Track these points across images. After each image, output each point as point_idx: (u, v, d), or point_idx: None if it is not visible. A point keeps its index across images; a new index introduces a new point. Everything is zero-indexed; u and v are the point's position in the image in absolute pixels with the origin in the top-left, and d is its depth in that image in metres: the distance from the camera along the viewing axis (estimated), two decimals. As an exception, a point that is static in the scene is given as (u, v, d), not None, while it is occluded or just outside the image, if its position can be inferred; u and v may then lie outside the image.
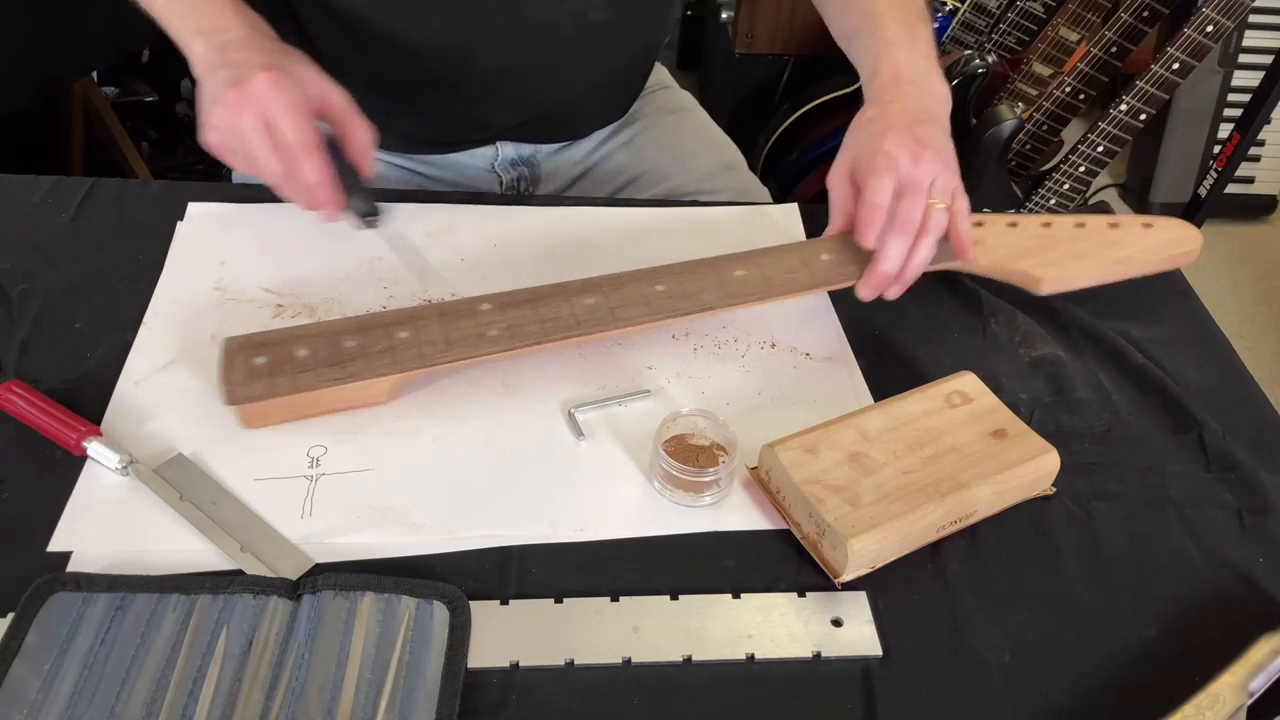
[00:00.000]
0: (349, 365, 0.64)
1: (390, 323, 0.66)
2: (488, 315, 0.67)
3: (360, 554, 0.57)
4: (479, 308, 0.67)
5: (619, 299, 0.68)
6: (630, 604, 0.55)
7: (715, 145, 1.05)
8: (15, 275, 0.73)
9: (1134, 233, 0.77)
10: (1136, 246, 0.76)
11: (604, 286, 0.69)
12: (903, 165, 0.70)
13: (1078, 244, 0.76)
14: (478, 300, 0.68)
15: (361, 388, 0.64)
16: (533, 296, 0.68)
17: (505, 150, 0.99)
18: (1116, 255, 0.75)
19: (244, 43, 0.72)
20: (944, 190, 0.71)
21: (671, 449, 0.61)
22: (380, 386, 0.65)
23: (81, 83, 1.54)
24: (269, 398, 0.62)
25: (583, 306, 0.67)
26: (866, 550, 0.56)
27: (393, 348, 0.65)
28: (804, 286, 0.71)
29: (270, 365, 0.63)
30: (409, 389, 0.67)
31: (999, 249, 0.75)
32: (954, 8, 1.72)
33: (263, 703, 0.49)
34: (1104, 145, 1.48)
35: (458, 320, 0.67)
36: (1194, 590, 0.59)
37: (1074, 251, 0.75)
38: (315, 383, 0.63)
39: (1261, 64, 1.97)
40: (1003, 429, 0.62)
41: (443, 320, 0.67)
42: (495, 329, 0.66)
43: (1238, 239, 2.25)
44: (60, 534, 0.57)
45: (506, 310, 0.67)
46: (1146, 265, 0.76)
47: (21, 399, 0.62)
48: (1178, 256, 0.77)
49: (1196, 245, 0.78)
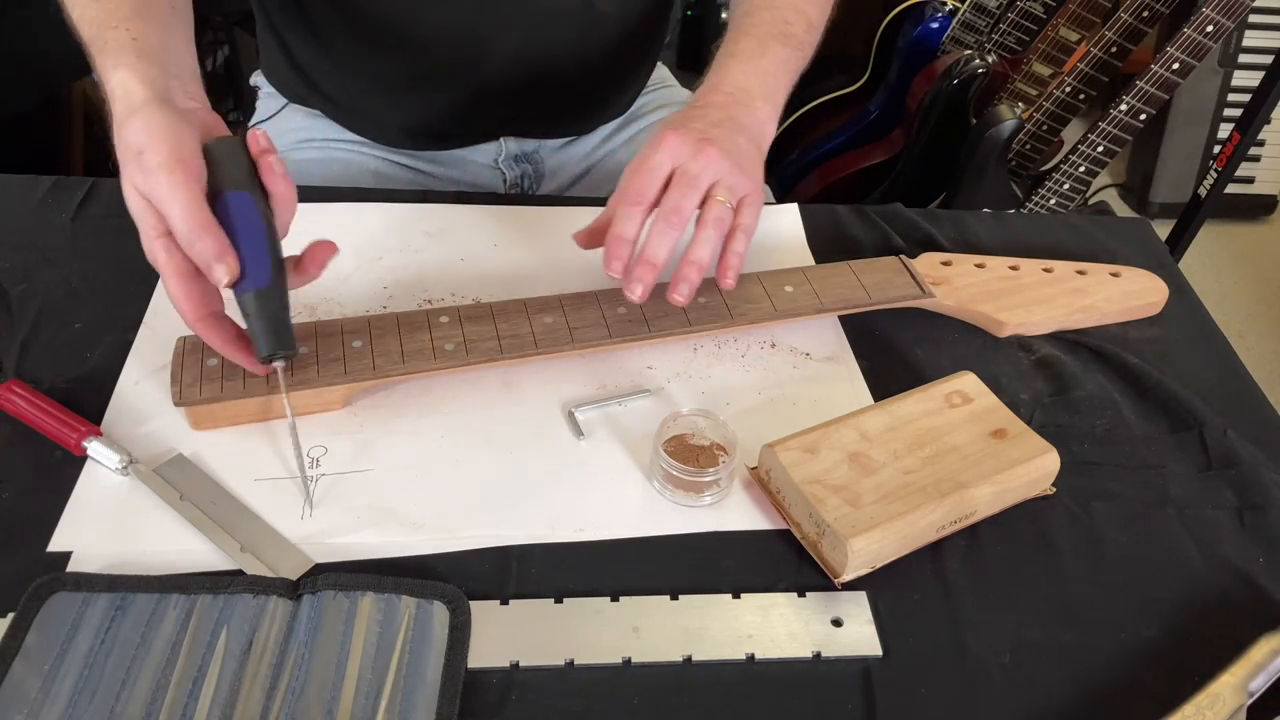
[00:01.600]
0: (300, 373, 0.63)
1: (346, 330, 0.66)
2: (445, 329, 0.67)
3: (360, 554, 0.57)
4: (438, 320, 0.67)
5: (579, 319, 0.68)
6: (630, 604, 0.55)
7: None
8: (15, 275, 0.73)
9: (1100, 280, 0.77)
10: (1101, 295, 0.76)
11: (565, 305, 0.69)
12: (679, 161, 0.65)
13: (1043, 289, 0.76)
14: (438, 312, 0.68)
15: (313, 395, 0.64)
16: (492, 311, 0.68)
17: (509, 146, 0.99)
18: (1080, 303, 0.76)
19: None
20: (731, 189, 0.66)
21: (671, 449, 0.61)
22: (333, 395, 0.64)
23: (81, 83, 1.55)
24: (218, 401, 0.62)
25: (542, 325, 0.67)
26: (866, 550, 0.56)
27: (345, 357, 0.64)
28: (767, 317, 0.70)
29: (222, 368, 0.63)
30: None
31: (965, 289, 0.75)
32: (954, 8, 1.72)
33: (263, 703, 0.49)
34: (1104, 145, 1.48)
35: (415, 332, 0.66)
36: (1194, 590, 0.59)
37: (1039, 297, 0.75)
38: (264, 388, 0.62)
39: (1261, 64, 1.97)
40: (1003, 429, 0.62)
41: (400, 331, 0.66)
42: (451, 343, 0.66)
43: (1238, 239, 2.25)
44: (60, 534, 0.57)
45: (465, 324, 0.67)
46: (1109, 314, 0.77)
47: (21, 399, 0.62)
48: (1143, 307, 0.78)
49: (1162, 297, 0.78)
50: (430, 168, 0.99)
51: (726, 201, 0.66)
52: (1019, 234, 0.86)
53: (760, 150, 0.71)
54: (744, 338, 0.73)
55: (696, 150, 0.65)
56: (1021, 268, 0.77)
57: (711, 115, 0.70)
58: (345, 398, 0.65)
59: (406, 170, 0.98)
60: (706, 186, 0.66)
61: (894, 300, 0.73)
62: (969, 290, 0.75)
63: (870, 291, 0.73)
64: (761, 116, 0.72)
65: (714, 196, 0.65)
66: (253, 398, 0.62)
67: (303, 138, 0.97)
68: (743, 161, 0.67)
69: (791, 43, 0.76)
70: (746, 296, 0.71)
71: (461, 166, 0.99)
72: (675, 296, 0.66)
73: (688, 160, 0.65)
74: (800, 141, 1.88)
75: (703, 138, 0.66)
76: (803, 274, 0.74)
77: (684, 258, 0.66)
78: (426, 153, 0.98)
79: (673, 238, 0.65)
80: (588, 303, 0.69)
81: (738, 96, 0.71)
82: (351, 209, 0.82)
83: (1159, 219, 2.16)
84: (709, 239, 0.65)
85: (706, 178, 0.65)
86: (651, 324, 0.68)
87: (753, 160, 0.69)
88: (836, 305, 0.72)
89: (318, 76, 0.95)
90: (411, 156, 0.98)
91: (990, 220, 0.88)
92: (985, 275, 0.76)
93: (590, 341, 0.67)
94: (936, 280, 0.75)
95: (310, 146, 0.97)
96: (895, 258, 0.76)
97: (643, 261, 0.65)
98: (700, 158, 0.65)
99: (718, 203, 0.65)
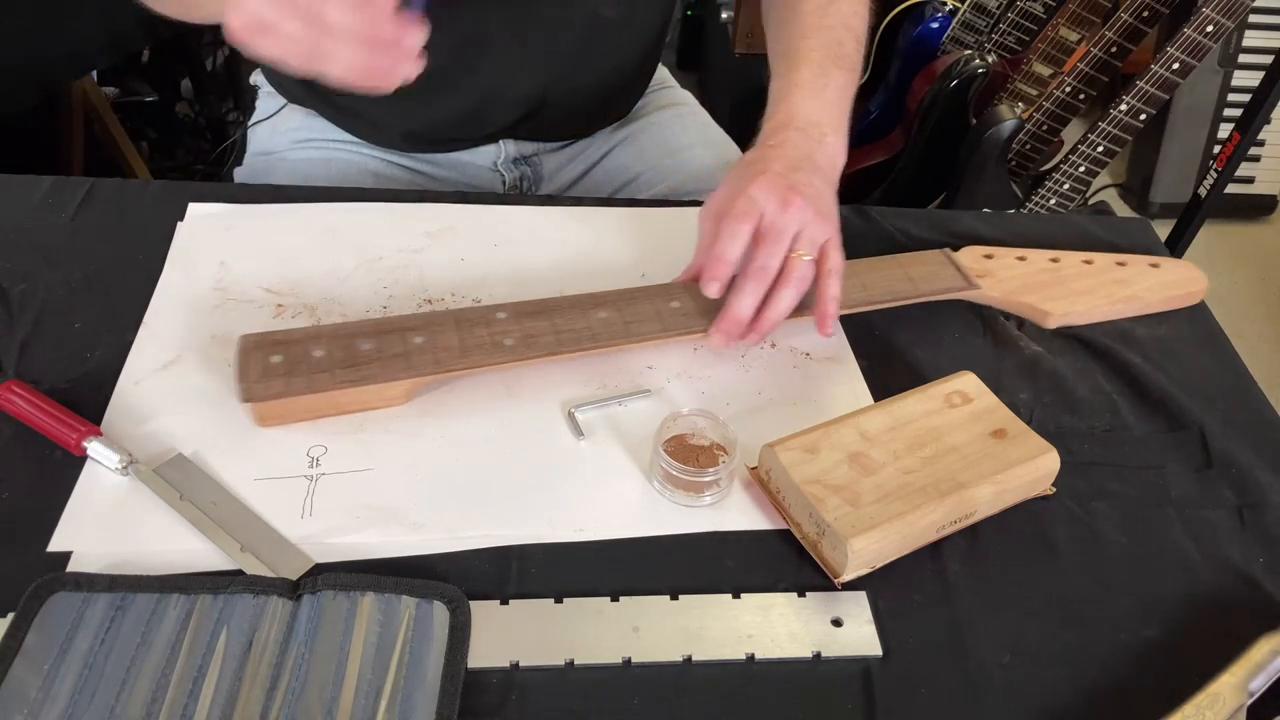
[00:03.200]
0: (364, 368, 0.64)
1: (406, 327, 0.67)
2: (503, 324, 0.67)
3: (360, 554, 0.57)
4: (494, 316, 0.68)
5: (633, 314, 0.69)
6: (630, 604, 0.55)
7: (715, 144, 1.05)
8: (15, 275, 0.73)
9: (1141, 271, 0.79)
10: (1142, 285, 0.77)
11: (617, 301, 0.70)
12: (767, 211, 0.67)
13: (1085, 280, 0.77)
14: (494, 308, 0.69)
15: (376, 390, 0.64)
16: (547, 307, 0.69)
17: (508, 148, 0.99)
18: (1123, 293, 0.77)
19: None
20: (812, 242, 0.68)
21: (671, 449, 0.61)
22: (395, 390, 0.65)
23: (81, 83, 1.54)
24: (284, 397, 0.63)
25: (597, 320, 0.68)
26: (866, 550, 0.56)
27: (408, 352, 0.65)
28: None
29: (286, 364, 0.64)
30: (417, 390, 0.67)
31: (1008, 281, 0.76)
32: (954, 8, 1.72)
33: (263, 703, 0.49)
34: (1104, 145, 1.48)
35: (473, 328, 0.67)
36: (1194, 590, 0.59)
37: (1081, 288, 0.77)
38: (330, 384, 0.63)
39: (1261, 64, 1.97)
40: (1003, 429, 0.62)
41: (459, 327, 0.67)
42: (511, 338, 0.66)
43: (1238, 239, 2.25)
44: (60, 534, 0.57)
45: (522, 320, 0.68)
46: (1152, 304, 0.78)
47: (21, 399, 0.62)
48: (1183, 297, 0.79)
49: (1201, 287, 0.79)
50: (429, 169, 0.99)
51: (808, 256, 0.67)
52: (1019, 234, 0.86)
53: (834, 186, 0.72)
54: (744, 338, 0.73)
55: (784, 203, 0.67)
56: (1062, 260, 0.79)
57: (789, 154, 0.70)
58: (408, 393, 0.66)
59: (406, 171, 0.98)
60: (791, 240, 0.67)
61: (940, 292, 0.74)
62: (1012, 282, 0.76)
63: (917, 284, 0.74)
64: (833, 151, 0.73)
65: (796, 253, 0.67)
66: (318, 393, 0.63)
67: (302, 137, 0.97)
68: (822, 205, 0.69)
69: (846, 64, 0.77)
70: None
71: (461, 168, 0.99)
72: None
73: (775, 213, 0.67)
74: (800, 141, 1.87)
75: (789, 186, 0.67)
76: (851, 267, 0.74)
77: (762, 311, 0.67)
78: (426, 155, 0.98)
79: (760, 294, 0.67)
80: (640, 297, 0.70)
81: (810, 132, 0.72)
82: (352, 209, 0.82)
83: (1159, 219, 2.15)
84: (787, 297, 0.67)
85: (791, 231, 0.67)
86: (704, 317, 0.69)
87: (829, 202, 0.70)
88: (884, 298, 0.73)
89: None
90: (411, 158, 0.98)
91: (990, 220, 0.88)
92: (1027, 267, 0.77)
93: (646, 335, 0.68)
94: (980, 273, 0.76)
95: (310, 146, 0.97)
96: (940, 251, 0.77)
97: (730, 318, 0.67)
98: (788, 211, 0.67)
99: (801, 261, 0.67)
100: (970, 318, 0.77)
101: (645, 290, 0.71)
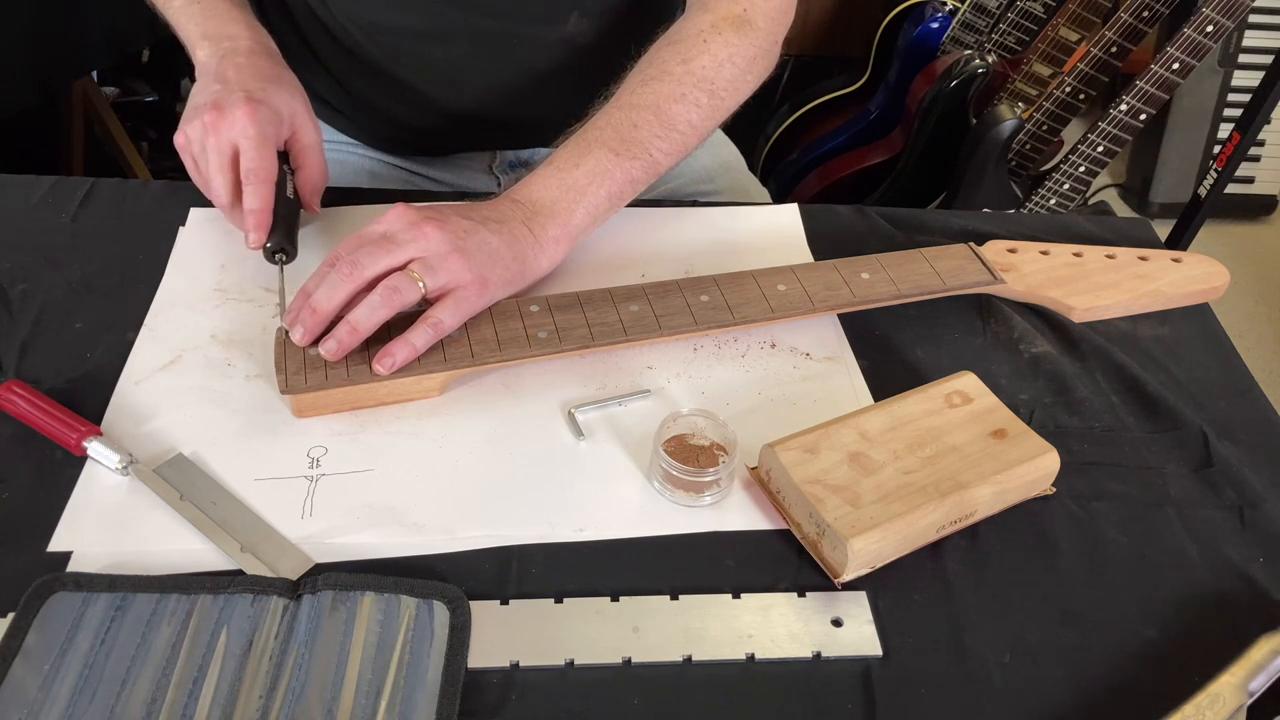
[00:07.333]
0: None
1: None
2: (536, 317, 0.68)
3: (360, 554, 0.57)
4: (528, 309, 0.68)
5: (664, 307, 0.69)
6: (630, 604, 0.55)
7: (714, 145, 1.05)
8: (15, 275, 0.73)
9: (1163, 266, 0.79)
10: (1165, 280, 0.77)
11: (648, 294, 0.70)
12: (389, 223, 0.64)
13: (1109, 275, 0.77)
14: (526, 300, 0.69)
15: (414, 382, 0.65)
16: (579, 300, 0.69)
17: (503, 154, 0.99)
18: (1146, 288, 0.77)
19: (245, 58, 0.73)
20: (433, 274, 0.63)
21: (671, 449, 0.61)
22: (432, 381, 0.65)
23: (81, 83, 1.54)
24: (324, 389, 0.63)
25: (629, 313, 0.69)
26: (866, 550, 0.56)
27: (444, 344, 0.65)
28: (846, 303, 0.71)
29: None
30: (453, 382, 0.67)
31: (1033, 275, 0.76)
32: (954, 8, 1.72)
33: (263, 703, 0.49)
34: (1104, 145, 1.48)
35: (507, 320, 0.67)
36: (1194, 590, 0.59)
37: (1105, 282, 0.77)
38: (369, 375, 0.63)
39: (1261, 64, 1.97)
40: (1003, 429, 0.62)
41: (493, 320, 0.67)
42: (544, 331, 0.67)
43: (1238, 239, 2.25)
44: (60, 534, 0.57)
45: (555, 313, 0.68)
46: (1174, 299, 0.78)
47: (21, 399, 0.62)
48: (1205, 292, 0.79)
49: (1224, 282, 0.79)
50: (426, 170, 0.99)
51: (418, 280, 0.62)
52: (1019, 234, 0.85)
53: (522, 264, 0.67)
54: (744, 337, 0.73)
55: (412, 224, 0.63)
56: (1085, 254, 0.79)
57: (482, 212, 0.67)
58: (444, 385, 0.66)
59: (403, 172, 0.98)
60: (406, 259, 0.63)
61: (966, 286, 0.74)
62: (1037, 276, 0.76)
63: (944, 278, 0.74)
64: (545, 234, 0.69)
65: (408, 270, 0.62)
66: (357, 385, 0.63)
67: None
68: (477, 256, 0.64)
69: (630, 150, 0.72)
70: (826, 283, 0.72)
71: (456, 170, 0.99)
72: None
73: (398, 230, 0.63)
74: (800, 141, 1.88)
75: (432, 218, 0.64)
76: (878, 261, 0.74)
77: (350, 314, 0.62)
78: (421, 158, 0.98)
79: (343, 289, 0.62)
80: (671, 291, 0.71)
81: (525, 208, 0.69)
82: (349, 209, 0.82)
83: (1159, 219, 2.15)
84: (372, 304, 0.62)
85: (410, 251, 0.63)
86: (735, 311, 0.70)
87: (497, 263, 0.65)
88: (914, 291, 0.73)
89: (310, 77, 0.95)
90: (406, 161, 0.98)
91: (991, 220, 0.88)
92: (1051, 261, 0.78)
93: (677, 329, 0.68)
94: (1004, 267, 0.76)
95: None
96: (965, 245, 0.78)
97: (307, 308, 0.63)
98: (412, 230, 0.63)
99: (406, 276, 0.62)
100: (971, 317, 0.77)
101: (675, 284, 0.72)
